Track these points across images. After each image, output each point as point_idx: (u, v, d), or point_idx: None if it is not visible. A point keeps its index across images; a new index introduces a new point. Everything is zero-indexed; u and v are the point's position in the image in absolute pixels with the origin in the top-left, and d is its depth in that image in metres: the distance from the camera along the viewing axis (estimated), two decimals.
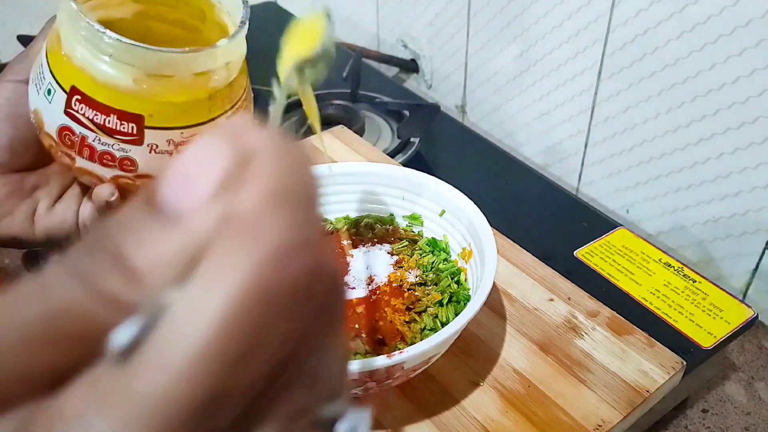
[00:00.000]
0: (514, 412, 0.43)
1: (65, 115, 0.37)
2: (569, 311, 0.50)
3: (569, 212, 0.66)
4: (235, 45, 0.38)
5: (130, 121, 0.36)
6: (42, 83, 0.37)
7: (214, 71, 0.37)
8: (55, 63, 0.37)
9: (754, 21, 0.52)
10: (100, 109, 0.36)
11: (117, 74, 0.35)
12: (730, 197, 0.60)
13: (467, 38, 0.82)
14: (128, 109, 0.36)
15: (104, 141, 0.37)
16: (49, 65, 0.37)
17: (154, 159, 0.38)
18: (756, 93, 0.55)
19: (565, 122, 0.74)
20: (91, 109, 0.36)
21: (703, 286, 0.54)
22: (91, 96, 0.36)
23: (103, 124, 0.36)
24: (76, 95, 0.36)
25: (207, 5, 0.42)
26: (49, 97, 0.37)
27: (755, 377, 0.56)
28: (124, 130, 0.36)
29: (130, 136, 0.37)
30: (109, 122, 0.36)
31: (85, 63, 0.35)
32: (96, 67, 0.35)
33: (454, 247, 0.49)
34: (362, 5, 0.99)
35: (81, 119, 0.36)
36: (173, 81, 0.36)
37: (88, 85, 0.36)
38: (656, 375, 0.45)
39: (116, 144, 0.37)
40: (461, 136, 0.80)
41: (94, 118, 0.36)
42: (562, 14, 0.68)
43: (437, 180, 0.50)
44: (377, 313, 0.44)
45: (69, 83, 0.36)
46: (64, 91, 0.36)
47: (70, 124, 0.37)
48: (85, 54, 0.35)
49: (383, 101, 0.83)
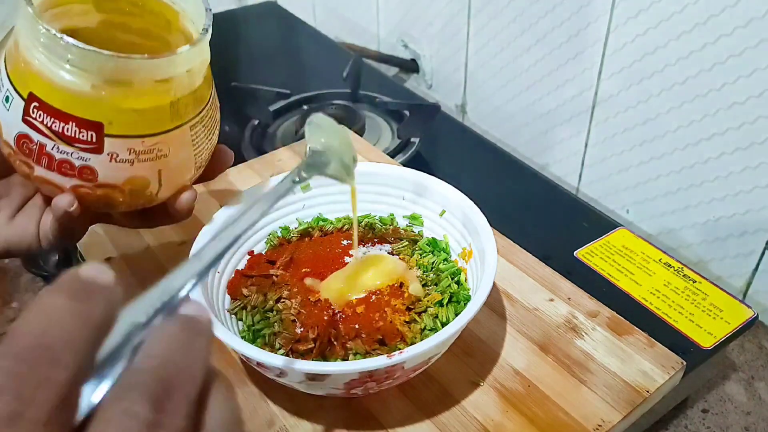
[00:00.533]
0: (514, 412, 0.43)
1: (23, 122, 0.36)
2: (569, 311, 0.50)
3: (569, 212, 0.66)
4: (197, 52, 0.38)
5: (89, 129, 0.36)
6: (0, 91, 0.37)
7: (176, 78, 0.37)
8: (14, 70, 0.36)
9: (754, 21, 0.52)
10: (58, 116, 0.35)
11: (75, 80, 0.34)
12: (731, 197, 0.60)
13: (467, 38, 0.82)
14: (87, 116, 0.35)
15: (63, 149, 0.36)
16: (7, 72, 0.36)
17: (114, 168, 0.37)
18: (756, 93, 0.55)
19: (565, 122, 0.74)
20: (49, 116, 0.35)
21: (703, 286, 0.54)
22: (49, 102, 0.35)
23: (61, 132, 0.35)
24: (34, 102, 0.35)
25: (172, 14, 0.42)
26: (7, 104, 0.36)
27: (755, 377, 0.56)
28: (83, 138, 0.36)
29: (90, 144, 0.36)
30: (67, 130, 0.35)
31: (43, 68, 0.35)
32: (54, 73, 0.34)
33: (454, 247, 0.49)
34: (362, 5, 0.99)
35: (39, 127, 0.36)
36: (133, 88, 0.35)
37: (46, 92, 0.35)
38: (656, 375, 0.45)
39: (75, 152, 0.36)
40: (461, 136, 0.80)
41: (52, 126, 0.35)
42: (562, 14, 0.68)
43: (437, 180, 0.50)
44: (377, 313, 0.44)
45: (27, 90, 0.35)
46: (21, 98, 0.35)
47: (28, 132, 0.36)
48: (43, 60, 0.34)
49: (383, 101, 0.83)
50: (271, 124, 0.80)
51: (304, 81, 0.91)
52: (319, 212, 0.54)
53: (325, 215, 0.54)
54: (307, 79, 0.93)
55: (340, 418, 0.43)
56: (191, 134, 0.40)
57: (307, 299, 0.45)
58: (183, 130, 0.39)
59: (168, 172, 0.39)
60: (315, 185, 0.53)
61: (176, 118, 0.38)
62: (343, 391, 0.39)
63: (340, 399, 0.44)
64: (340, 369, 0.36)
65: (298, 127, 0.79)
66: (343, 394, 0.41)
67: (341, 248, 0.49)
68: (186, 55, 0.36)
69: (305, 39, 1.04)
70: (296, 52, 1.01)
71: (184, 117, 0.39)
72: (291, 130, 0.80)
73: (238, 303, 0.46)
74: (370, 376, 0.38)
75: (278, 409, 0.43)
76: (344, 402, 0.44)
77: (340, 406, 0.43)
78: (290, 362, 0.37)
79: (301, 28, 1.06)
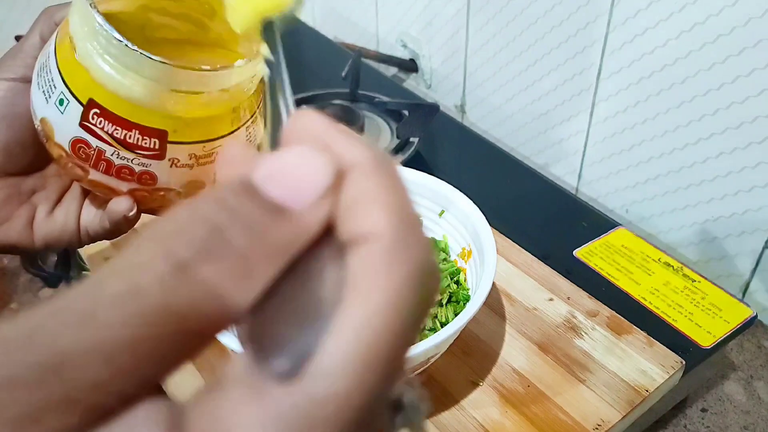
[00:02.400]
0: (514, 412, 0.43)
1: (81, 127, 0.35)
2: (569, 311, 0.50)
3: (569, 212, 0.66)
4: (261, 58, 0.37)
5: (153, 137, 0.35)
6: (52, 92, 0.35)
7: (240, 85, 0.36)
8: (69, 72, 0.34)
9: (753, 21, 0.52)
10: (121, 124, 0.34)
11: (142, 90, 0.33)
12: (729, 197, 0.60)
13: (466, 38, 0.82)
14: (152, 124, 0.34)
15: (123, 155, 0.35)
16: (60, 73, 0.35)
17: (174, 173, 0.36)
18: (755, 93, 0.55)
19: (565, 122, 0.74)
20: (111, 123, 0.34)
21: (702, 285, 0.54)
22: (112, 110, 0.34)
23: (123, 139, 0.35)
24: (94, 108, 0.34)
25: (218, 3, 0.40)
26: (62, 107, 0.35)
27: (754, 376, 0.57)
28: (146, 146, 0.35)
29: (152, 151, 0.35)
30: (130, 137, 0.34)
31: (105, 76, 0.33)
32: (119, 82, 0.33)
33: (453, 247, 0.49)
34: (362, 5, 0.99)
35: (99, 133, 0.34)
36: (201, 97, 0.35)
37: (108, 99, 0.34)
38: (655, 374, 0.45)
39: (136, 159, 0.35)
40: (461, 135, 0.80)
41: (114, 133, 0.34)
42: (562, 14, 0.68)
43: (437, 180, 0.50)
44: None
45: (86, 96, 0.34)
46: (80, 103, 0.34)
47: (85, 137, 0.35)
48: (105, 67, 0.33)
49: (382, 101, 0.83)
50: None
51: (303, 81, 0.91)
52: None
53: None
54: (306, 78, 0.93)
55: None
56: (246, 134, 0.39)
57: None
58: (240, 132, 0.38)
59: None
60: None
61: (236, 122, 0.38)
62: None
63: None
64: None
65: None
66: None
67: None
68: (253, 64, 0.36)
69: (304, 39, 1.04)
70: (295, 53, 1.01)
71: (243, 119, 0.38)
72: None
73: None
74: None
75: None
76: None
77: None
78: None
79: (300, 28, 1.06)
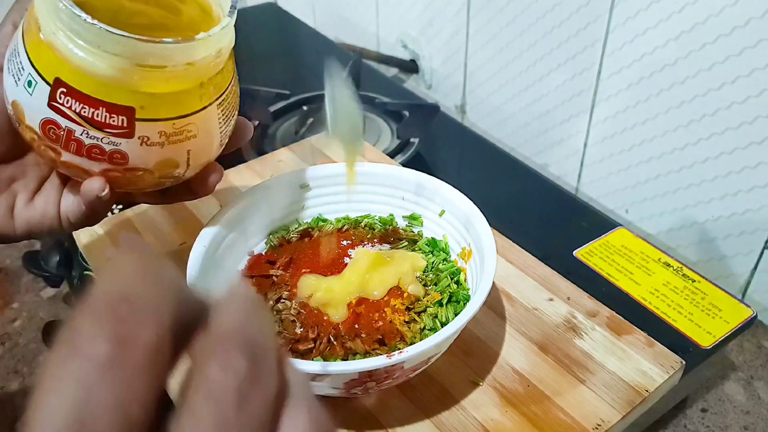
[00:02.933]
0: (514, 412, 0.43)
1: (49, 108, 0.34)
2: (569, 311, 0.50)
3: (568, 212, 0.66)
4: (226, 31, 0.37)
5: (120, 114, 0.35)
6: (20, 74, 0.35)
7: (206, 59, 0.36)
8: (35, 52, 0.34)
9: (753, 21, 0.52)
10: (88, 102, 0.34)
11: (106, 66, 0.33)
12: (730, 197, 0.60)
13: (467, 38, 0.82)
14: (118, 101, 0.34)
15: (93, 134, 0.35)
16: (27, 54, 0.35)
17: (145, 151, 0.36)
18: (755, 93, 0.55)
19: (565, 122, 0.74)
20: (78, 102, 0.34)
21: (702, 285, 0.54)
22: (78, 88, 0.34)
23: (91, 117, 0.34)
24: (61, 88, 0.34)
25: None
26: (30, 89, 0.35)
27: (754, 376, 0.57)
28: (114, 123, 0.35)
29: (121, 129, 0.35)
30: (97, 115, 0.34)
31: (70, 54, 0.33)
32: (83, 59, 0.33)
33: (453, 247, 0.50)
34: (362, 5, 0.99)
35: (67, 112, 0.34)
36: (165, 71, 0.34)
37: (74, 77, 0.34)
38: (655, 374, 0.45)
39: (105, 137, 0.35)
40: (461, 136, 0.80)
41: (81, 111, 0.34)
42: (561, 14, 0.68)
43: (437, 180, 0.51)
44: (377, 313, 0.44)
45: (52, 75, 0.34)
46: (47, 83, 0.34)
47: (55, 118, 0.35)
48: (70, 45, 0.33)
49: (383, 101, 0.84)
50: (270, 124, 0.81)
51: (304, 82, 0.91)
52: (319, 212, 0.54)
53: (325, 215, 0.54)
54: (306, 79, 0.93)
55: (340, 418, 0.43)
56: (218, 112, 0.39)
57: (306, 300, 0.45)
58: (211, 109, 0.38)
59: (196, 151, 0.39)
60: (315, 185, 0.53)
61: (205, 98, 0.38)
62: (343, 391, 0.40)
63: (339, 399, 0.44)
64: (340, 369, 0.36)
65: (297, 128, 0.79)
66: (342, 394, 0.41)
67: (341, 248, 0.50)
68: (217, 35, 0.36)
69: (305, 40, 1.05)
70: (296, 53, 1.01)
71: (212, 96, 0.38)
72: (291, 130, 0.80)
73: None
74: (370, 376, 0.38)
75: None
76: (344, 402, 0.44)
77: (340, 406, 0.44)
78: None
79: (300, 29, 1.06)
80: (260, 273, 0.48)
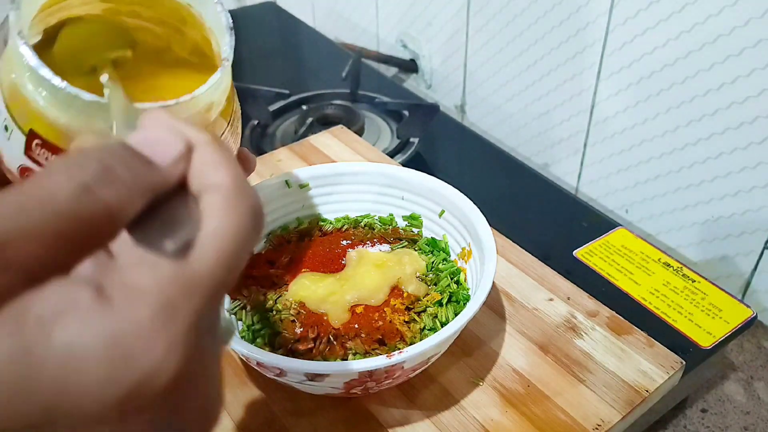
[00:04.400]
0: (514, 412, 0.43)
1: (26, 156, 0.33)
2: (569, 311, 0.50)
3: (568, 212, 0.66)
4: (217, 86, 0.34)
5: None
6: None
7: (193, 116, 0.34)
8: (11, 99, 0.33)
9: (752, 21, 0.52)
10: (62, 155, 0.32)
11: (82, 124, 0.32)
12: (729, 197, 0.60)
13: (466, 38, 0.82)
14: None
15: None
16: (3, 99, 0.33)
17: None
18: (755, 93, 0.55)
19: (565, 122, 0.74)
20: (53, 154, 0.33)
21: (702, 285, 0.54)
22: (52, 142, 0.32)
23: None
24: (36, 139, 0.33)
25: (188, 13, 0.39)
26: (7, 133, 0.34)
27: (754, 377, 0.57)
28: None
29: None
30: None
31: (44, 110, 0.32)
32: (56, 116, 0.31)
33: (453, 247, 0.50)
34: (362, 5, 0.99)
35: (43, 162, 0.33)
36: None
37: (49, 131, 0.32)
38: (655, 375, 0.45)
39: None
40: (461, 135, 0.80)
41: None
42: (562, 14, 0.68)
43: (437, 180, 0.51)
44: (377, 313, 0.44)
45: (27, 126, 0.33)
46: (22, 133, 0.33)
47: (31, 166, 0.34)
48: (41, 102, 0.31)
49: (383, 101, 0.84)
50: (270, 124, 0.81)
51: (304, 81, 0.91)
52: (319, 212, 0.54)
53: (325, 215, 0.54)
54: (306, 79, 0.93)
55: (339, 417, 0.43)
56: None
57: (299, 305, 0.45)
58: None
59: None
60: (315, 186, 0.53)
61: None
62: (342, 390, 0.40)
63: (339, 399, 0.44)
64: (340, 369, 0.36)
65: (297, 128, 0.79)
66: (342, 394, 0.41)
67: (340, 248, 0.49)
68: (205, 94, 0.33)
69: (304, 39, 1.04)
70: (295, 53, 1.01)
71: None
72: (290, 130, 0.80)
73: (237, 303, 0.46)
74: (370, 376, 0.38)
75: (278, 409, 0.43)
76: (344, 402, 0.44)
77: (340, 405, 0.43)
78: (290, 362, 0.37)
79: (300, 29, 1.06)
80: (260, 273, 0.48)
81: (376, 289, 0.45)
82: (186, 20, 0.39)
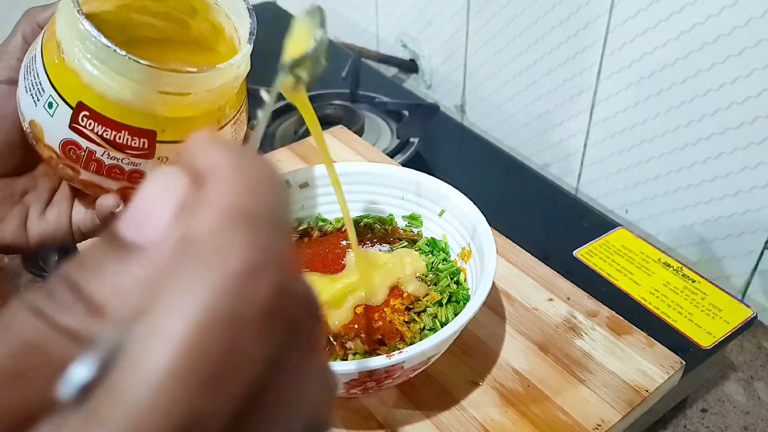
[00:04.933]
0: (514, 412, 0.43)
1: (71, 129, 0.35)
2: (568, 311, 0.50)
3: (568, 212, 0.66)
4: (246, 58, 0.38)
5: (142, 137, 0.35)
6: (40, 95, 0.35)
7: (225, 85, 0.37)
8: (57, 75, 0.35)
9: (753, 21, 0.52)
10: (110, 126, 0.35)
11: (131, 93, 0.34)
12: (729, 197, 0.60)
13: (466, 38, 0.82)
14: (140, 125, 0.35)
15: (113, 155, 0.36)
16: (48, 76, 0.35)
17: None
18: (755, 93, 0.55)
19: (565, 122, 0.74)
20: (101, 125, 0.35)
21: (702, 285, 0.54)
22: (101, 113, 0.34)
23: (113, 140, 0.35)
24: (83, 111, 0.35)
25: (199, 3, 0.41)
26: (51, 110, 0.35)
27: (754, 377, 0.57)
28: (136, 146, 0.35)
29: (142, 150, 0.36)
30: (119, 138, 0.35)
31: (94, 80, 0.34)
32: (107, 85, 0.34)
33: (453, 247, 0.49)
34: (362, 5, 0.99)
35: (89, 134, 0.35)
36: (187, 98, 0.35)
37: (97, 102, 0.34)
38: (655, 375, 0.45)
39: (126, 158, 0.36)
40: (461, 136, 0.80)
41: (103, 134, 0.35)
42: (562, 14, 0.68)
43: (437, 180, 0.50)
44: (377, 313, 0.44)
45: (75, 98, 0.34)
46: (69, 106, 0.35)
47: (75, 139, 0.35)
48: (94, 71, 0.34)
49: (383, 101, 0.83)
50: (270, 124, 0.80)
51: None
52: (318, 212, 0.54)
53: (324, 215, 0.54)
54: None
55: (339, 417, 0.43)
56: (232, 131, 0.40)
57: None
58: (226, 129, 0.39)
59: None
60: (315, 186, 0.53)
61: (222, 119, 0.38)
62: (342, 390, 0.40)
63: (339, 399, 0.44)
64: (340, 369, 0.36)
65: (297, 128, 0.79)
66: (342, 394, 0.41)
67: (340, 248, 0.49)
68: (236, 65, 0.36)
69: None
70: None
71: (228, 117, 0.39)
72: (290, 130, 0.80)
73: None
74: (370, 376, 0.38)
75: None
76: (343, 401, 0.44)
77: (340, 405, 0.43)
78: None
79: None
80: None
81: (376, 290, 0.45)
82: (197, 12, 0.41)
